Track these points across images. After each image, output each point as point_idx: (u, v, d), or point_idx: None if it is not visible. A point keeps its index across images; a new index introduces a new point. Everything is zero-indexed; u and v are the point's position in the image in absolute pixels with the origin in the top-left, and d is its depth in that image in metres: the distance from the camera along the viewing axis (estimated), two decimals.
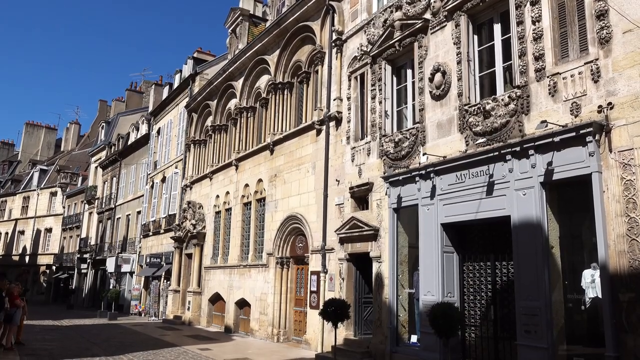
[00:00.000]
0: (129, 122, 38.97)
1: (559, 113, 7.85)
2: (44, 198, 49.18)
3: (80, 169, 48.18)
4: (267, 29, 17.28)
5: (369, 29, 12.43)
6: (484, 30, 9.79)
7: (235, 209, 18.58)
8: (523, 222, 8.08)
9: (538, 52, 8.22)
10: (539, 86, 8.21)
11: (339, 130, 13.35)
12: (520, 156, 8.22)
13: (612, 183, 7.07)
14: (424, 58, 10.66)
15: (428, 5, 10.66)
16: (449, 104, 9.92)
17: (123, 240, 32.55)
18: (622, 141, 7.03)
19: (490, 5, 9.37)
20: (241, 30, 21.06)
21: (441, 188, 9.69)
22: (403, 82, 11.70)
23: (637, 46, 7.00)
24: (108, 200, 36.72)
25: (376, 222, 11.40)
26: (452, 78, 9.87)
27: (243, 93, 18.92)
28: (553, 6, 8.18)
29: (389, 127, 11.58)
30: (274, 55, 16.92)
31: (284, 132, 15.87)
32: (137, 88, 48.50)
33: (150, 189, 28.69)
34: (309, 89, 15.41)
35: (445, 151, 9.76)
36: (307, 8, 15.06)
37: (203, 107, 22.54)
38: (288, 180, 15.37)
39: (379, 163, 11.60)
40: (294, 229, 14.95)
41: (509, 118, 8.57)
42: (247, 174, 17.98)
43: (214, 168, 20.64)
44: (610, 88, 7.24)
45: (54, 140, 61.66)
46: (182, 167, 24.36)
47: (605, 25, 7.35)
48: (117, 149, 37.23)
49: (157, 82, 36.72)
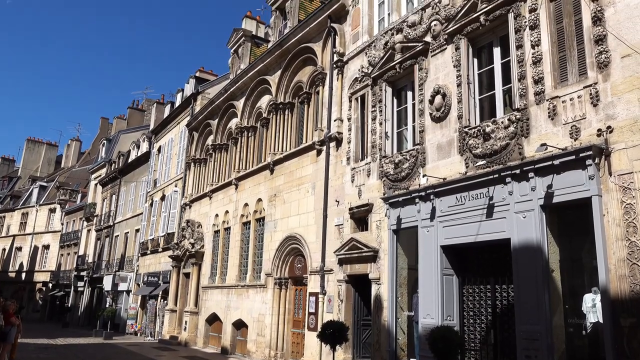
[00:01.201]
0: (130, 139, 39.11)
1: (558, 136, 7.87)
2: (43, 214, 49.07)
3: (80, 186, 48.17)
4: (269, 50, 17.46)
5: (370, 51, 12.56)
6: (484, 54, 9.88)
7: (234, 229, 18.51)
8: (523, 245, 8.04)
9: (537, 76, 8.29)
10: (538, 109, 8.25)
11: (339, 150, 13.38)
12: (520, 179, 8.22)
13: (612, 206, 7.05)
14: (424, 80, 10.74)
15: (428, 29, 10.78)
16: (449, 126, 9.96)
17: (121, 259, 32.36)
18: (622, 165, 7.04)
19: (490, 29, 9.48)
20: (243, 51, 21.27)
21: (441, 210, 9.66)
22: (403, 104, 11.77)
23: (635, 71, 7.06)
24: (107, 218, 36.62)
25: (375, 244, 11.34)
26: (452, 100, 9.93)
27: (244, 113, 19.02)
28: (552, 31, 8.27)
29: (389, 149, 11.61)
30: (276, 75, 17.06)
31: (285, 152, 15.91)
32: (139, 106, 48.82)
33: (150, 207, 28.63)
34: (310, 110, 15.50)
35: (445, 173, 9.76)
36: (309, 30, 15.24)
37: (204, 126, 22.63)
38: (288, 200, 15.35)
39: (378, 184, 11.60)
40: (293, 250, 14.87)
41: (509, 140, 8.59)
42: (247, 194, 17.96)
43: (213, 187, 20.63)
44: (610, 112, 7.28)
45: (55, 156, 61.81)
46: (182, 185, 24.35)
47: (603, 50, 7.42)
48: (117, 166, 37.28)
49: (159, 101, 36.95)
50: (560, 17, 8.21)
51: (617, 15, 7.36)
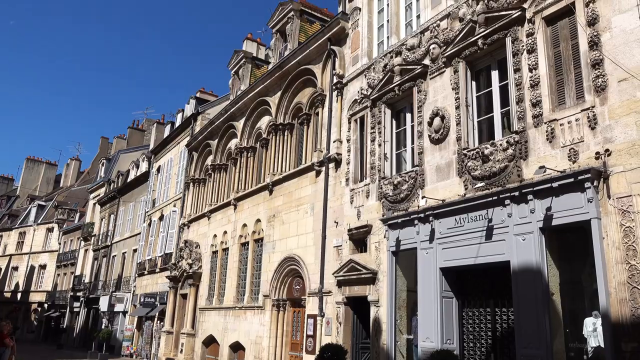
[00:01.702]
0: (130, 159, 39.18)
1: (557, 159, 7.90)
2: (40, 234, 48.84)
3: (79, 205, 48.06)
4: (270, 71, 17.62)
5: (369, 73, 12.67)
6: (482, 77, 9.97)
7: (233, 249, 18.42)
8: (523, 268, 7.99)
9: (535, 99, 8.35)
10: (536, 132, 8.29)
11: (338, 171, 13.40)
12: (519, 201, 8.21)
13: (612, 230, 7.03)
14: (423, 102, 10.82)
15: (427, 52, 10.90)
16: (447, 148, 10.00)
17: (118, 279, 32.11)
18: (621, 188, 7.05)
19: (488, 53, 9.58)
20: (244, 72, 21.46)
21: (440, 232, 9.64)
22: (402, 126, 11.83)
23: (632, 94, 7.13)
24: (105, 238, 36.44)
25: (374, 265, 11.27)
26: (451, 122, 9.99)
27: (244, 133, 19.10)
28: (549, 55, 8.37)
29: (388, 170, 11.63)
30: (276, 96, 17.18)
31: (284, 173, 15.93)
32: (139, 126, 49.01)
33: (148, 227, 28.53)
34: (309, 131, 15.57)
35: (444, 195, 9.76)
36: (309, 52, 15.41)
37: (204, 147, 22.70)
38: (286, 220, 15.31)
39: (377, 205, 11.59)
40: (292, 271, 14.77)
41: (508, 163, 8.62)
42: (246, 214, 17.92)
43: (212, 207, 20.58)
44: (607, 135, 7.32)
45: (54, 175, 61.80)
46: (180, 205, 24.30)
47: (600, 74, 7.49)
48: (116, 186, 37.26)
49: (159, 121, 37.12)
50: (557, 41, 8.32)
51: (613, 40, 7.46)
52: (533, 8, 8.66)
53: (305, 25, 18.48)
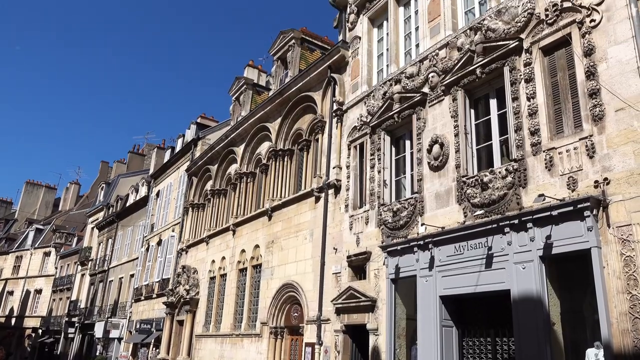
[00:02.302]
0: (129, 183, 39.20)
1: (556, 187, 7.91)
2: (37, 258, 48.48)
3: (77, 230, 47.83)
4: (270, 98, 17.78)
5: (369, 101, 12.79)
6: (481, 105, 10.07)
7: (231, 275, 18.26)
8: (523, 297, 7.91)
9: (533, 127, 8.41)
10: (535, 160, 8.33)
11: (337, 198, 13.39)
12: (518, 229, 8.19)
13: (612, 259, 6.99)
14: (422, 130, 10.89)
15: (426, 80, 11.02)
16: (447, 175, 10.02)
17: (114, 304, 31.73)
18: (620, 217, 7.03)
19: (486, 82, 9.69)
20: (245, 98, 21.66)
21: (440, 259, 9.58)
22: (402, 153, 11.88)
23: (629, 124, 7.18)
24: (102, 262, 36.17)
25: (373, 293, 11.16)
26: (450, 150, 10.03)
27: (244, 159, 19.17)
28: (547, 84, 8.46)
29: (387, 197, 11.62)
30: (276, 123, 17.30)
31: (283, 199, 15.91)
32: (140, 150, 49.18)
33: (146, 251, 28.35)
34: (309, 157, 15.63)
35: (443, 222, 9.74)
36: (309, 79, 15.58)
37: (203, 172, 22.74)
38: (285, 247, 15.23)
39: (377, 232, 11.54)
40: (290, 298, 14.62)
41: (507, 190, 8.62)
42: (244, 240, 17.83)
43: (211, 232, 20.50)
44: (606, 164, 7.35)
45: (53, 199, 61.73)
46: (179, 230, 24.20)
47: (597, 104, 7.57)
48: (115, 210, 37.16)
49: (160, 146, 37.27)
50: (555, 71, 8.42)
51: (609, 70, 7.56)
52: (530, 38, 8.80)
53: (306, 53, 18.74)
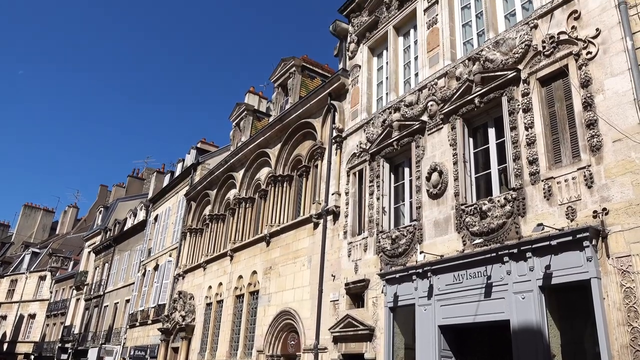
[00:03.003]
0: (128, 207, 39.10)
1: (554, 216, 7.90)
2: (32, 282, 47.99)
3: (73, 254, 47.51)
4: (270, 124, 17.91)
5: (368, 128, 12.88)
6: (479, 133, 10.14)
7: (227, 301, 18.06)
8: (523, 328, 7.82)
9: (532, 157, 8.45)
10: (534, 189, 8.34)
11: (336, 224, 13.36)
12: (518, 258, 8.15)
13: (612, 290, 6.94)
14: (421, 157, 10.94)
15: (425, 109, 11.13)
16: (445, 203, 10.02)
17: (108, 330, 31.27)
18: (619, 247, 7.01)
19: (484, 111, 9.78)
20: (245, 124, 21.81)
21: (438, 288, 9.49)
22: (401, 180, 11.90)
23: (627, 155, 7.22)
24: (97, 287, 35.79)
25: (372, 322, 11.03)
26: (449, 178, 10.06)
27: (243, 184, 19.19)
28: (544, 114, 8.54)
29: (386, 224, 11.60)
30: (276, 148, 17.39)
31: (282, 224, 15.86)
32: (139, 175, 49.25)
33: (142, 276, 28.09)
34: (308, 183, 15.65)
35: (442, 250, 9.69)
36: (309, 106, 15.72)
37: (202, 196, 22.73)
38: (283, 273, 15.11)
39: (375, 259, 11.47)
40: (287, 325, 14.42)
41: (506, 219, 8.61)
42: (242, 265, 17.70)
43: (208, 258, 20.36)
44: (604, 194, 7.36)
45: (50, 222, 61.49)
46: (176, 255, 24.04)
47: (595, 134, 7.62)
48: (112, 234, 36.96)
49: (159, 170, 37.33)
50: (552, 101, 8.51)
51: (606, 101, 7.64)
52: (528, 69, 8.92)
53: (307, 80, 18.96)
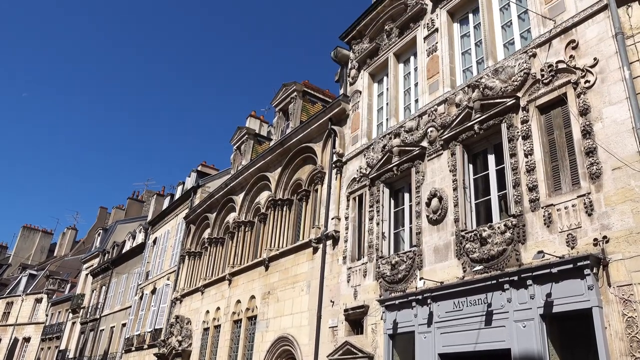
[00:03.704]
0: (127, 230, 38.97)
1: (555, 244, 7.87)
2: (28, 304, 47.47)
3: (71, 276, 47.14)
4: (271, 148, 17.99)
5: (369, 153, 12.93)
6: (479, 160, 10.17)
7: (225, 326, 17.84)
8: (524, 357, 7.69)
9: (532, 184, 8.46)
10: (534, 216, 8.32)
11: (335, 249, 13.29)
12: (518, 286, 8.07)
13: (614, 319, 6.86)
14: (421, 183, 10.95)
15: (425, 134, 11.19)
16: (445, 229, 9.99)
17: (104, 355, 30.79)
18: (621, 276, 6.96)
19: (484, 137, 9.83)
20: (246, 148, 21.91)
21: (438, 315, 9.39)
22: (400, 205, 11.89)
23: (627, 183, 7.23)
24: (94, 310, 35.40)
25: (370, 349, 10.87)
26: (449, 204, 10.05)
27: (242, 207, 19.16)
28: (544, 141, 8.58)
29: (385, 249, 11.54)
30: (276, 172, 17.42)
31: (281, 249, 15.78)
32: (139, 197, 49.23)
33: (139, 300, 27.81)
34: (308, 207, 15.63)
35: (442, 276, 9.62)
36: (310, 130, 15.82)
37: (202, 219, 22.67)
38: (281, 298, 14.96)
39: (375, 285, 11.38)
40: (284, 352, 14.21)
41: (506, 246, 8.57)
42: (240, 290, 17.54)
43: (206, 282, 20.19)
44: (605, 222, 7.34)
45: (49, 244, 61.18)
46: (174, 278, 23.84)
47: (594, 162, 7.64)
48: (110, 256, 36.74)
49: (159, 193, 37.34)
50: (551, 128, 8.56)
51: (605, 129, 7.68)
52: (527, 97, 9.00)
53: (307, 105, 19.12)
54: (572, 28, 8.61)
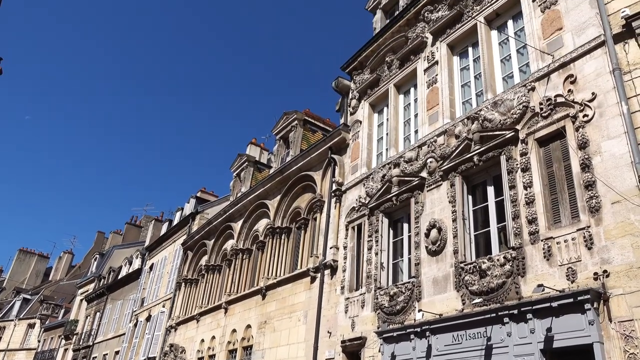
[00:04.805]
0: (124, 255, 38.65)
1: (555, 277, 7.80)
2: (20, 330, 46.70)
3: (65, 301, 46.53)
4: (271, 175, 18.02)
5: (368, 182, 12.95)
6: (478, 191, 10.17)
7: (220, 356, 17.51)
8: None
9: (531, 216, 8.44)
10: (533, 249, 8.27)
11: (333, 279, 13.16)
12: (518, 320, 7.97)
13: (615, 355, 6.75)
14: (420, 213, 10.93)
15: (424, 165, 11.22)
16: (444, 260, 9.91)
17: None
18: (622, 311, 6.87)
19: (483, 169, 9.86)
20: (245, 175, 21.95)
21: (437, 348, 9.23)
22: (399, 235, 11.84)
23: (626, 217, 7.21)
24: (87, 337, 34.80)
25: None
26: (448, 235, 10.00)
27: (241, 235, 19.07)
28: (543, 174, 8.60)
29: (384, 280, 11.43)
30: (275, 200, 17.40)
31: (278, 277, 15.63)
32: (137, 222, 49.04)
33: (134, 327, 27.38)
34: (307, 235, 15.56)
35: (441, 309, 9.50)
36: (310, 159, 15.87)
37: (199, 246, 22.53)
38: (278, 328, 14.74)
39: (373, 316, 11.23)
40: None
41: (505, 279, 8.49)
42: (236, 319, 17.30)
43: (202, 310, 19.92)
44: (604, 256, 7.29)
45: (44, 268, 60.61)
46: (169, 306, 23.54)
47: (594, 195, 7.64)
48: (106, 282, 36.34)
49: (158, 218, 37.20)
50: (550, 161, 8.60)
51: (604, 163, 7.71)
52: (526, 130, 9.06)
53: (308, 133, 19.25)
54: (570, 63, 8.75)
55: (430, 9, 12.58)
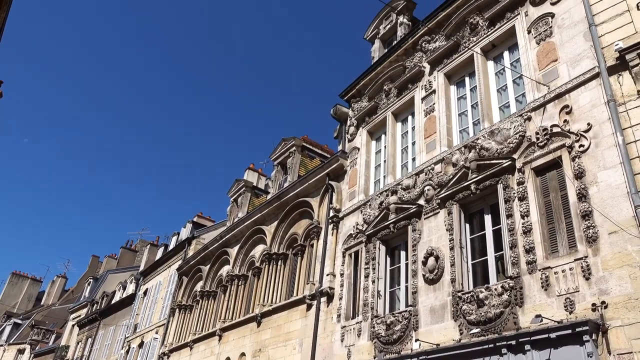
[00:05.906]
0: (118, 279, 38.22)
1: (553, 308, 7.73)
2: (10, 355, 45.78)
3: (56, 326, 45.77)
4: (268, 201, 17.99)
5: (365, 209, 12.93)
6: (476, 220, 10.16)
7: None
8: None
9: (528, 245, 8.42)
10: (531, 279, 8.23)
11: (330, 306, 13.02)
12: (516, 351, 7.86)
13: None
14: (418, 241, 10.89)
15: (422, 193, 11.24)
16: (442, 289, 9.83)
17: None
18: (621, 343, 6.80)
19: (480, 197, 9.87)
20: (243, 200, 21.91)
21: None
22: (397, 263, 11.77)
23: (624, 247, 7.20)
24: None
25: None
26: (445, 263, 9.95)
27: (237, 260, 18.92)
28: (540, 203, 8.61)
29: (381, 308, 11.31)
30: (272, 226, 17.33)
31: (274, 304, 15.45)
32: (133, 246, 48.65)
33: (125, 354, 26.88)
34: (303, 262, 15.45)
35: (438, 338, 9.38)
36: (307, 185, 15.88)
37: (195, 271, 22.32)
38: (273, 356, 14.49)
39: (369, 346, 11.06)
40: None
41: (503, 309, 8.42)
42: (230, 346, 17.02)
43: (196, 337, 19.60)
44: (602, 287, 7.25)
45: (37, 292, 59.76)
46: (163, 332, 23.18)
47: (591, 225, 7.65)
48: (99, 307, 35.83)
49: (153, 242, 36.92)
50: (547, 191, 8.63)
51: (600, 193, 7.74)
52: (522, 159, 9.12)
53: (306, 159, 19.31)
54: (565, 94, 8.87)
55: (428, 39, 12.79)
